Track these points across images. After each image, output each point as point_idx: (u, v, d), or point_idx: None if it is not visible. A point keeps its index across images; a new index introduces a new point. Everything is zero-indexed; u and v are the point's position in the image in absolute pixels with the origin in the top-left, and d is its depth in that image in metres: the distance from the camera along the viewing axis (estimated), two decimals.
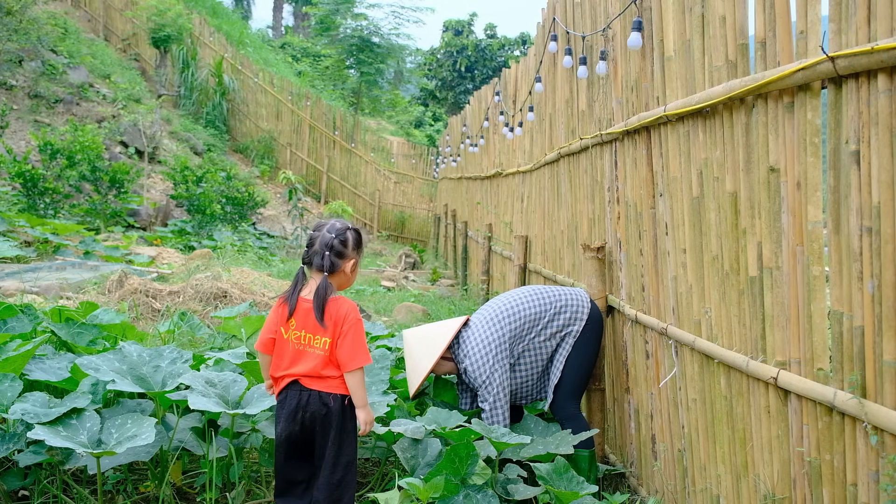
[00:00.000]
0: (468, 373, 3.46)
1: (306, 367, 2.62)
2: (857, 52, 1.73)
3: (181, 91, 17.41)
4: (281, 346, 2.68)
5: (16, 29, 12.20)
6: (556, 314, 3.52)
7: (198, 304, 6.03)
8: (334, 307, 2.63)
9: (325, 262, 2.62)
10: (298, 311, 2.64)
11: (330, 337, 2.61)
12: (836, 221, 1.88)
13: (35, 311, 3.93)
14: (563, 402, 3.51)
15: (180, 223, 12.07)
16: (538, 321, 3.50)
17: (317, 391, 2.62)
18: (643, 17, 3.17)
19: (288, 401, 2.65)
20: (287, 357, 2.65)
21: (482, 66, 28.97)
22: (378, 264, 13.38)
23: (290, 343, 2.65)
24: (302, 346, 2.63)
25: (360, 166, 18.67)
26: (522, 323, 3.48)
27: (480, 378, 3.41)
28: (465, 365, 3.46)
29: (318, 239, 2.65)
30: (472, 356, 3.43)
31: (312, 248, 2.66)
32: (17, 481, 3.01)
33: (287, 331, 2.66)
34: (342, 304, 2.65)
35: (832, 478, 1.94)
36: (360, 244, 2.72)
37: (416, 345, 3.58)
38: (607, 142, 3.75)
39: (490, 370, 3.40)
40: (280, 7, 36.75)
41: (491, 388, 3.40)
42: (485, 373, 3.40)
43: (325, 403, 2.62)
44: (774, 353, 2.19)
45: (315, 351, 2.62)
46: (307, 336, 2.62)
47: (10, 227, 8.90)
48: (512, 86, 7.06)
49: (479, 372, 3.41)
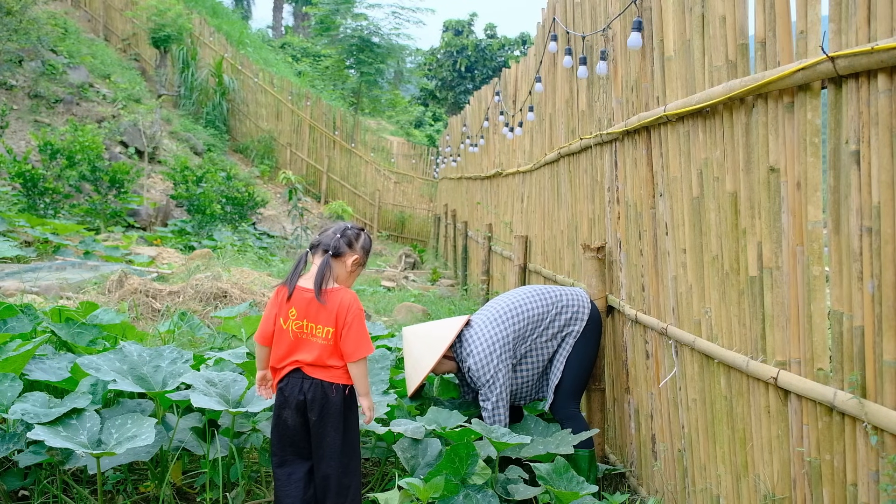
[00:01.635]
0: (471, 371, 3.45)
1: (310, 355, 2.63)
2: (857, 52, 1.73)
3: (181, 91, 17.41)
4: (281, 336, 2.68)
5: (16, 29, 12.20)
6: (558, 314, 3.52)
7: (198, 304, 6.03)
8: (336, 296, 2.65)
9: (332, 242, 2.69)
10: (298, 300, 2.66)
11: (333, 326, 2.63)
12: (836, 221, 1.88)
13: (35, 311, 3.93)
14: (564, 402, 3.51)
15: (180, 223, 12.07)
16: (541, 321, 3.50)
17: (319, 380, 2.64)
18: (643, 17, 3.17)
19: (289, 387, 2.66)
20: (287, 346, 2.66)
21: (482, 66, 28.97)
22: (378, 264, 13.38)
23: (290, 332, 2.66)
24: (304, 336, 2.65)
25: (360, 166, 18.67)
26: (526, 324, 3.48)
27: (484, 377, 3.41)
28: (469, 364, 3.46)
29: (334, 227, 2.76)
30: (475, 355, 3.43)
31: (325, 233, 2.75)
32: (17, 481, 3.01)
33: (286, 321, 2.67)
34: (344, 293, 2.67)
35: (832, 478, 1.94)
36: (368, 249, 2.81)
37: (418, 343, 3.58)
38: (607, 142, 3.75)
39: (494, 370, 3.39)
40: (280, 7, 36.74)
41: (494, 388, 3.40)
42: (489, 372, 3.39)
43: (326, 393, 2.63)
44: (774, 353, 2.19)
45: (317, 340, 2.63)
46: (308, 325, 2.64)
47: (10, 227, 8.90)
48: (512, 86, 7.06)
49: (483, 371, 3.40)
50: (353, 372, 2.65)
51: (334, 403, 2.64)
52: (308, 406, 2.64)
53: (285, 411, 2.67)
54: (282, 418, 2.69)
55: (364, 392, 2.68)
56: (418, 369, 3.54)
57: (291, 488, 2.70)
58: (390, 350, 4.46)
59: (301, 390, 2.64)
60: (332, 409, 2.64)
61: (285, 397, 2.67)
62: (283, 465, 2.72)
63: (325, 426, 2.65)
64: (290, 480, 2.71)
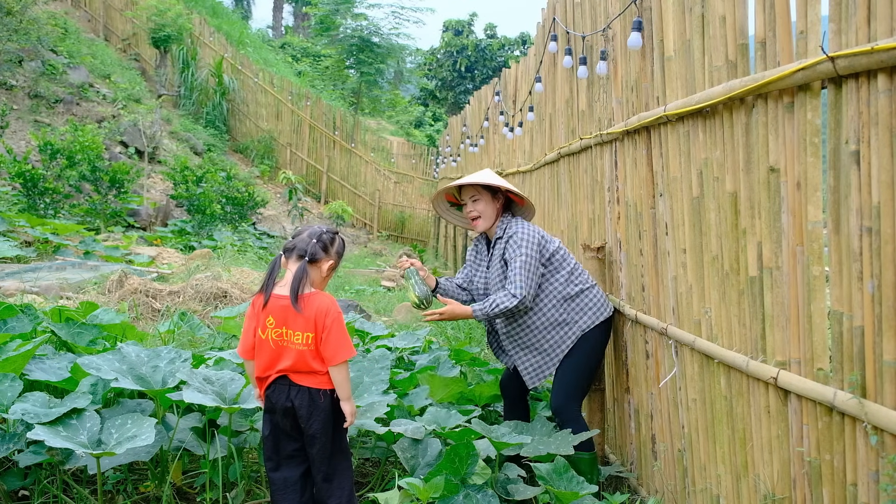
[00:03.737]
0: (512, 241, 3.30)
1: (293, 362, 2.61)
2: (857, 52, 1.73)
3: (181, 91, 17.41)
4: (262, 347, 2.66)
5: (16, 29, 12.20)
6: (583, 291, 3.45)
7: (198, 304, 6.03)
8: (314, 301, 2.63)
9: (308, 248, 2.65)
10: (274, 308, 2.63)
11: (312, 331, 2.60)
12: (836, 221, 1.88)
13: (35, 311, 3.93)
14: (566, 403, 3.46)
15: (180, 223, 12.06)
16: (568, 267, 3.43)
17: (306, 387, 2.63)
18: (643, 17, 3.17)
19: (276, 394, 2.65)
20: (269, 355, 2.65)
21: (482, 66, 28.98)
22: (378, 264, 13.38)
23: (270, 341, 2.64)
24: (284, 343, 2.62)
25: (360, 166, 18.67)
26: (562, 255, 3.42)
27: (522, 253, 3.25)
28: (511, 233, 3.32)
29: (307, 231, 2.72)
30: (521, 231, 3.31)
31: (299, 237, 2.71)
32: (17, 481, 3.01)
33: (265, 331, 2.65)
34: (321, 298, 2.65)
35: (832, 478, 1.94)
36: (342, 253, 2.79)
37: (487, 172, 3.48)
38: (607, 142, 3.75)
39: (531, 252, 3.28)
40: (280, 7, 36.74)
41: (526, 271, 3.24)
42: (528, 251, 3.27)
43: (314, 399, 2.62)
44: (774, 353, 2.19)
45: (298, 346, 2.61)
46: (287, 332, 2.62)
47: (10, 227, 8.90)
48: (512, 86, 7.06)
49: (525, 247, 3.27)
50: (334, 376, 2.62)
51: (322, 409, 2.63)
52: (296, 412, 2.64)
53: (275, 417, 2.68)
54: (273, 423, 2.69)
55: (346, 396, 2.65)
56: (482, 174, 3.43)
57: (288, 492, 2.70)
58: (390, 350, 4.46)
59: (288, 397, 2.63)
60: (321, 415, 2.63)
61: (273, 404, 2.67)
62: (278, 470, 2.72)
63: (315, 432, 2.65)
64: (287, 484, 2.71)
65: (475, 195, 3.47)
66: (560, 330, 3.43)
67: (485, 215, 3.46)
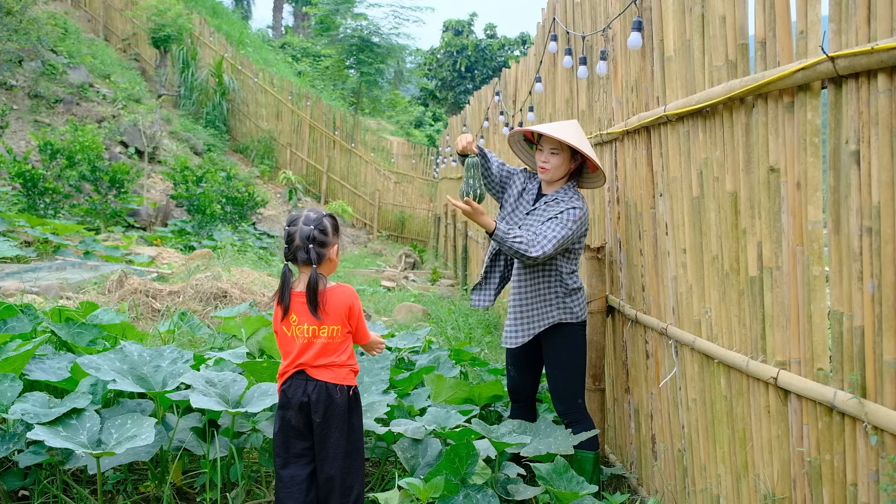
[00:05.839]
0: (569, 211, 3.22)
1: (315, 356, 2.64)
2: (857, 52, 1.73)
3: (181, 91, 17.41)
4: (287, 343, 2.68)
5: (16, 29, 12.20)
6: (581, 289, 3.42)
7: (198, 304, 6.02)
8: (337, 297, 2.65)
9: (311, 255, 2.60)
10: (297, 305, 2.65)
11: (339, 324, 2.65)
12: (836, 221, 1.88)
13: (35, 311, 3.93)
14: (570, 403, 3.42)
15: (180, 223, 12.06)
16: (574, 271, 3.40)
17: (323, 382, 2.63)
18: (643, 17, 3.17)
19: (292, 389, 2.66)
20: (295, 351, 2.66)
21: (482, 66, 28.99)
22: (378, 264, 13.39)
23: (296, 339, 2.66)
24: (308, 338, 2.64)
25: (360, 166, 18.67)
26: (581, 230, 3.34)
27: (568, 227, 3.19)
28: (573, 205, 3.24)
29: (297, 233, 2.62)
30: (580, 210, 3.25)
31: (294, 244, 2.63)
32: (17, 481, 3.01)
33: (290, 328, 2.66)
34: (344, 291, 2.68)
35: (832, 478, 1.94)
36: (337, 229, 2.73)
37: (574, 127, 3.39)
38: (607, 142, 3.76)
39: (574, 231, 3.22)
40: (280, 7, 36.74)
41: (558, 241, 3.16)
42: (573, 227, 3.21)
43: (331, 394, 2.63)
44: (774, 353, 2.19)
45: (322, 340, 2.64)
46: (310, 328, 2.63)
47: (10, 227, 8.90)
48: (512, 86, 7.06)
49: (573, 223, 3.20)
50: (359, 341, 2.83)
51: (339, 405, 2.64)
52: (312, 408, 2.63)
53: (289, 412, 2.67)
54: (285, 420, 2.68)
55: (367, 334, 2.87)
56: (567, 131, 3.30)
57: (294, 490, 2.69)
58: (390, 350, 4.46)
59: (305, 392, 2.64)
60: (336, 411, 2.63)
61: (288, 399, 2.67)
62: (286, 467, 2.71)
63: (329, 428, 2.64)
64: (293, 482, 2.70)
65: (555, 149, 3.33)
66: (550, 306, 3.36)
67: (556, 171, 3.36)
